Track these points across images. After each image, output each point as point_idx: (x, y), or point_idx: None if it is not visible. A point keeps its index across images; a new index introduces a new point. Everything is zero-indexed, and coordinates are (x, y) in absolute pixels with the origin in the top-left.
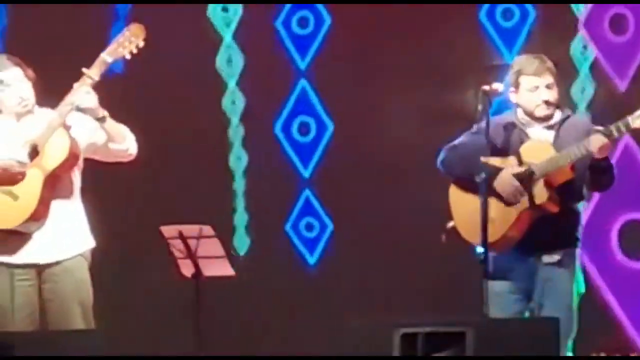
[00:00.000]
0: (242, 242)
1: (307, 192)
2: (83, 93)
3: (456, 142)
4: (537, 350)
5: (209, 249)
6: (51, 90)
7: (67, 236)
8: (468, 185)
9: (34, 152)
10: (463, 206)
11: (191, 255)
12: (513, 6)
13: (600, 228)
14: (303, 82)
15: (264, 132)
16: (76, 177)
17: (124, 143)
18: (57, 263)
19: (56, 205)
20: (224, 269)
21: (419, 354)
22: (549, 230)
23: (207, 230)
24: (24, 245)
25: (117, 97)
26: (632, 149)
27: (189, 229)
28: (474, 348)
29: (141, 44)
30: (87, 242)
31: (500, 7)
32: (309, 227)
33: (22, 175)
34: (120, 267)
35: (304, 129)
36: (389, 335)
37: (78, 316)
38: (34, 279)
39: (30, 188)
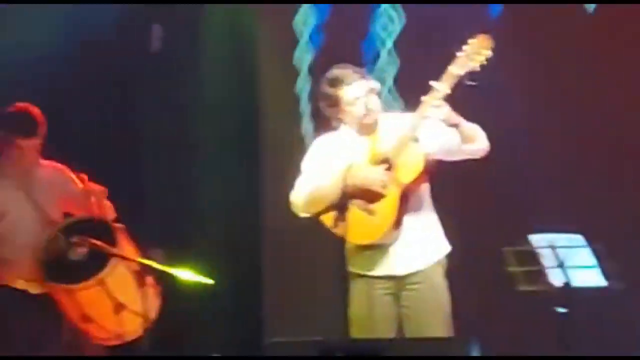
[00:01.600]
0: None
1: None
2: (433, 107)
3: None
4: None
5: (579, 259)
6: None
7: (422, 246)
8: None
9: (389, 167)
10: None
11: (561, 264)
12: None
13: None
14: None
15: None
16: (426, 187)
17: (475, 143)
18: (415, 273)
19: (410, 217)
20: (595, 280)
21: None
22: None
23: (578, 240)
24: (382, 258)
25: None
26: None
27: (561, 239)
28: None
29: (489, 54)
30: (442, 248)
31: None
32: None
33: (382, 195)
34: (477, 272)
35: None
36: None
37: (438, 323)
38: (392, 288)
39: (387, 203)
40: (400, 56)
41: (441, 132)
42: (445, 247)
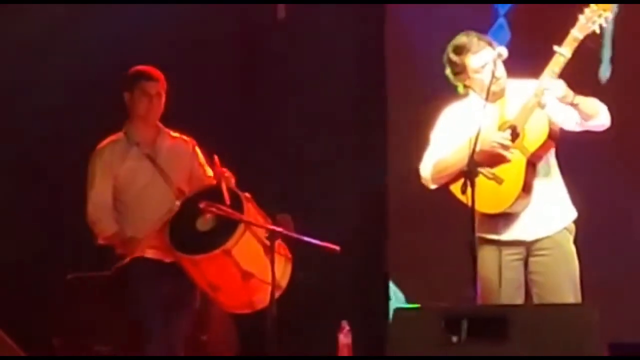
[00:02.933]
0: None
1: None
2: (551, 80)
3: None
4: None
5: None
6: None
7: (551, 212)
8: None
9: (514, 134)
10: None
11: None
12: None
13: None
14: None
15: None
16: (552, 153)
17: (597, 118)
18: (544, 238)
19: (538, 184)
20: None
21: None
22: None
23: None
24: (511, 223)
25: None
26: None
27: None
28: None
29: (610, 16)
30: (569, 214)
31: None
32: None
33: (506, 158)
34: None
35: None
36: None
37: (568, 290)
38: (522, 253)
39: (515, 170)
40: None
41: (560, 108)
42: (573, 213)
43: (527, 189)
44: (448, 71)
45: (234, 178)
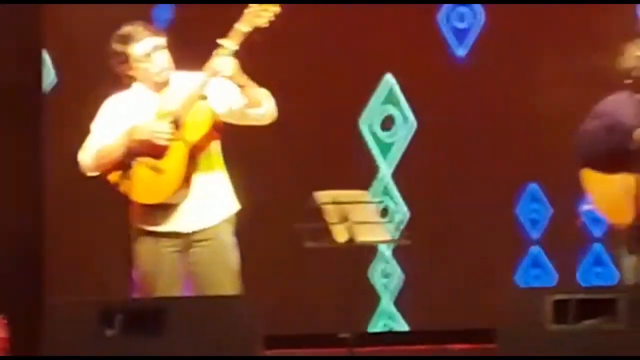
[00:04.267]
0: None
1: None
2: (221, 62)
3: (580, 132)
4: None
5: (364, 215)
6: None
7: (211, 204)
8: (605, 164)
9: (176, 124)
10: (603, 187)
11: (345, 220)
12: None
13: None
14: None
15: None
16: (217, 145)
17: (261, 107)
18: (203, 230)
19: (199, 176)
20: (380, 235)
21: (571, 321)
22: None
23: (363, 195)
24: (169, 215)
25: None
26: None
27: (345, 195)
28: (626, 315)
29: (278, 10)
30: (231, 206)
31: None
32: None
33: (166, 148)
34: (270, 233)
35: None
36: (541, 302)
37: (226, 281)
38: (180, 246)
39: (175, 161)
40: None
41: (228, 91)
42: (234, 205)
43: (187, 179)
44: (113, 62)
45: None
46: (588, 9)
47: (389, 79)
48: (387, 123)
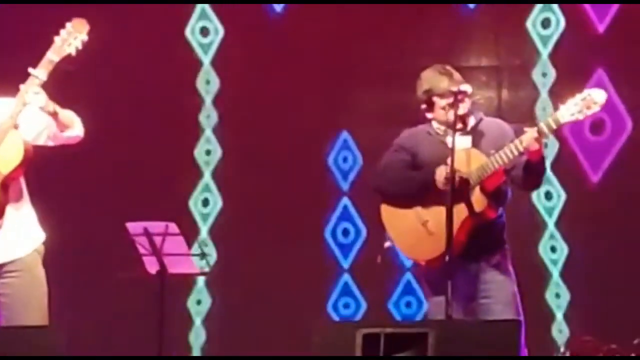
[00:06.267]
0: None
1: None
2: (32, 93)
3: (382, 164)
4: (498, 351)
5: (174, 247)
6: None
7: (20, 235)
8: (401, 202)
9: None
10: (399, 223)
11: (156, 252)
12: None
13: None
14: None
15: None
16: (22, 177)
17: (74, 128)
18: (12, 262)
19: (9, 208)
20: (189, 267)
21: (381, 354)
22: (485, 235)
23: (173, 227)
24: None
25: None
26: None
27: (155, 226)
28: (435, 349)
29: (85, 38)
30: (37, 236)
31: None
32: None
33: None
34: (81, 264)
35: None
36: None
37: (35, 310)
38: None
39: None
40: None
41: (39, 119)
42: (41, 235)
43: (1, 212)
44: None
45: None
46: None
47: None
48: None
